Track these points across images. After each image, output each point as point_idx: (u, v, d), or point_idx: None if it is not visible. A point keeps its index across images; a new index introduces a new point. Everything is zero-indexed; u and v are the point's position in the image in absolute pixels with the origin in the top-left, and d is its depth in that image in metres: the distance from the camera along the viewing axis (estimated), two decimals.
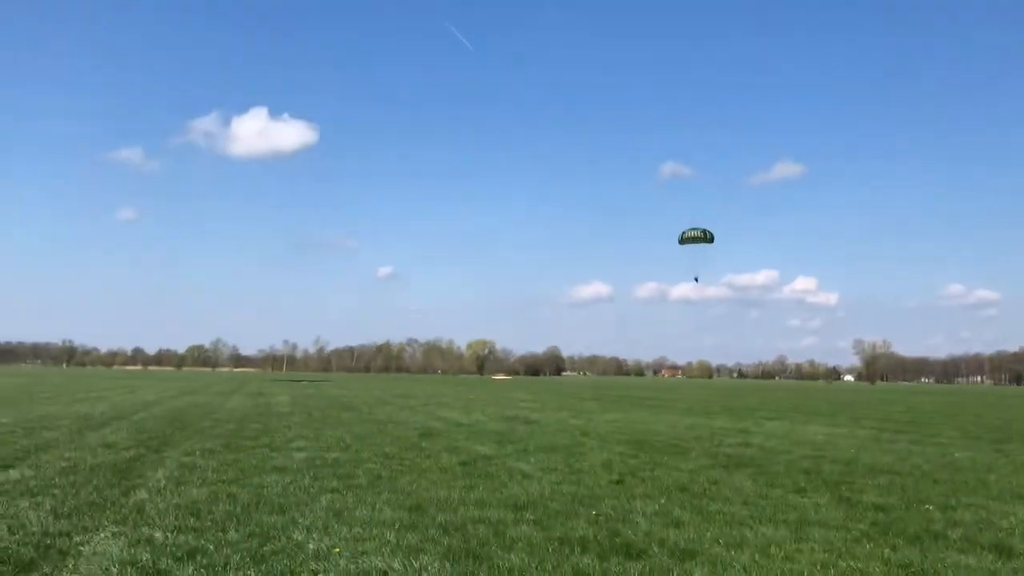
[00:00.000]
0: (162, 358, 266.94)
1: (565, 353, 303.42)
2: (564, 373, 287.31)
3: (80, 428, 16.74)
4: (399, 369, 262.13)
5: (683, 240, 32.52)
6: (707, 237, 31.65)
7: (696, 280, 34.85)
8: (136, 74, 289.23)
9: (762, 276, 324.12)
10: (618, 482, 10.57)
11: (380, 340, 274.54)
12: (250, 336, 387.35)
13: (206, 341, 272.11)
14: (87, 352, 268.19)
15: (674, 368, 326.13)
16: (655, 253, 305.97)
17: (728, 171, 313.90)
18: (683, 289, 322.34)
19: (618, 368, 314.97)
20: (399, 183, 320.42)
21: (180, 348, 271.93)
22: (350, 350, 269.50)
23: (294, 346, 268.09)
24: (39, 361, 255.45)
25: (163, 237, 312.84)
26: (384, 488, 9.74)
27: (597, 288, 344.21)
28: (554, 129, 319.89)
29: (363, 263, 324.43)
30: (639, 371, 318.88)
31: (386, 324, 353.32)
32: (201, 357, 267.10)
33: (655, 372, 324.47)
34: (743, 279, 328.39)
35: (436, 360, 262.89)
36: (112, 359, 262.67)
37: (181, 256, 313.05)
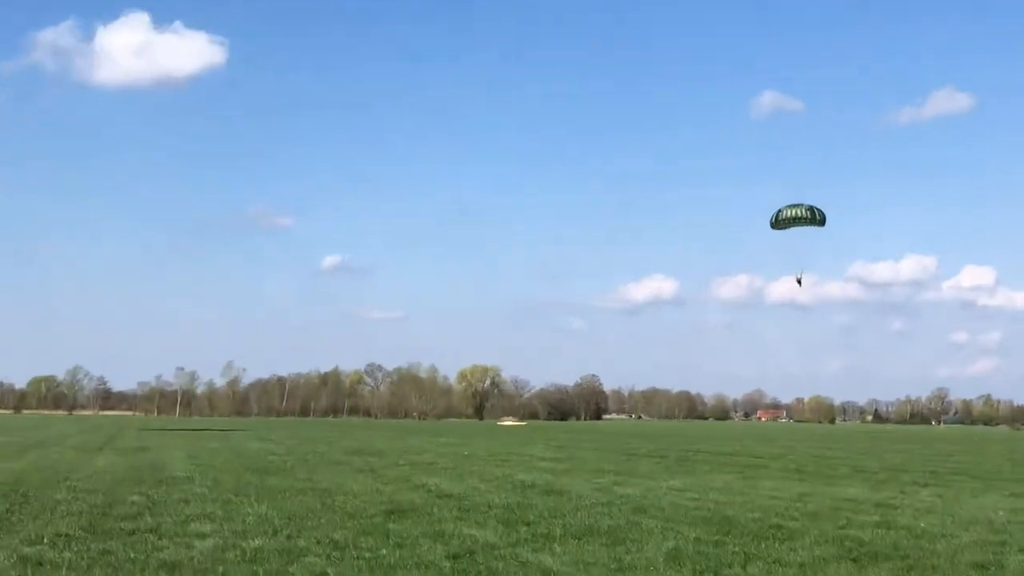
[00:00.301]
0: None
1: (608, 386, 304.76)
2: (607, 416, 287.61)
3: None
4: (355, 411, 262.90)
5: (779, 222, 31.87)
6: (815, 218, 31.05)
7: (799, 282, 34.32)
8: None
9: (909, 265, 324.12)
10: None
11: (325, 367, 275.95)
12: (125, 363, 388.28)
13: (59, 371, 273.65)
14: None
15: (776, 408, 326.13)
16: (745, 231, 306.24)
17: (858, 105, 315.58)
18: (789, 286, 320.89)
19: (690, 408, 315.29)
20: (356, 130, 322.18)
21: (19, 381, 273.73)
22: (279, 382, 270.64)
23: (193, 376, 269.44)
24: None
25: None
26: None
27: (657, 285, 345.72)
28: (584, 50, 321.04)
29: (300, 250, 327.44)
30: (722, 413, 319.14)
31: (335, 342, 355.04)
32: (51, 394, 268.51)
33: (747, 414, 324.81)
34: (880, 270, 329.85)
35: (411, 397, 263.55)
36: None
37: (20, 242, 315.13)
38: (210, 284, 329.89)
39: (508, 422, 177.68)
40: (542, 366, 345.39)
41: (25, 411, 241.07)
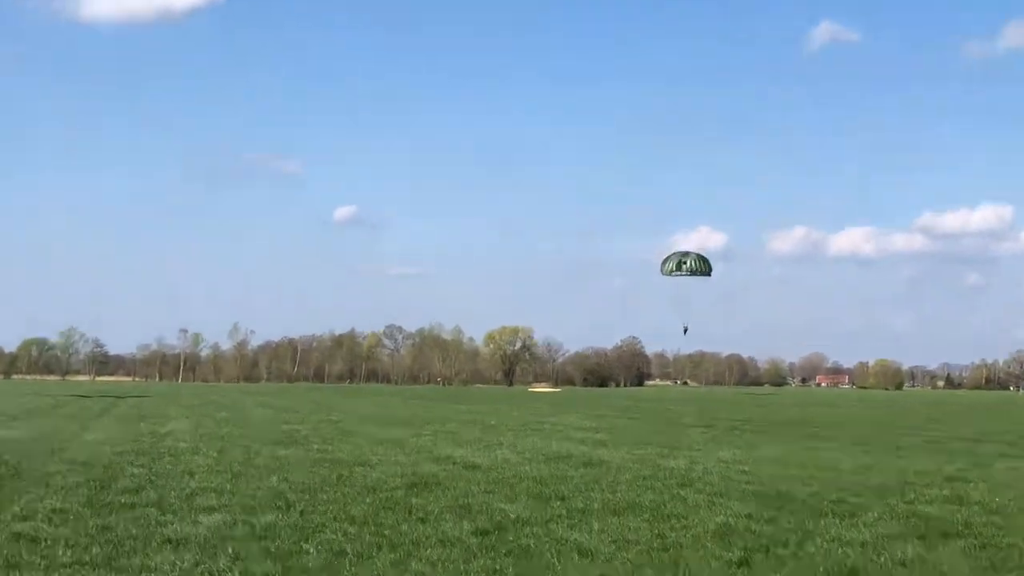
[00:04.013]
0: None
1: (650, 349, 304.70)
2: (650, 383, 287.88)
3: None
4: (373, 376, 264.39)
5: (671, 269, 34.73)
6: (702, 269, 33.60)
7: (685, 331, 37.51)
8: None
9: (984, 215, 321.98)
10: (741, 564, 10.63)
11: (340, 328, 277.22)
12: (123, 325, 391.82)
13: (51, 333, 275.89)
14: None
15: (837, 372, 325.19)
16: (802, 177, 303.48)
17: (923, 35, 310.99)
18: (852, 238, 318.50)
19: (742, 373, 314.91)
20: (371, 68, 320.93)
21: (9, 345, 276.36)
22: (290, 345, 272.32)
23: (197, 339, 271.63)
24: None
25: None
26: None
27: (704, 237, 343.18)
28: None
29: (310, 200, 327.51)
30: (777, 378, 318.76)
31: (350, 301, 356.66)
32: (43, 359, 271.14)
33: (804, 380, 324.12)
34: (950, 221, 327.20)
35: (434, 361, 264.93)
36: None
37: (5, 194, 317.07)
38: (214, 237, 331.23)
39: (540, 388, 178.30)
40: (578, 327, 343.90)
41: (15, 376, 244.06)
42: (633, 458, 22.78)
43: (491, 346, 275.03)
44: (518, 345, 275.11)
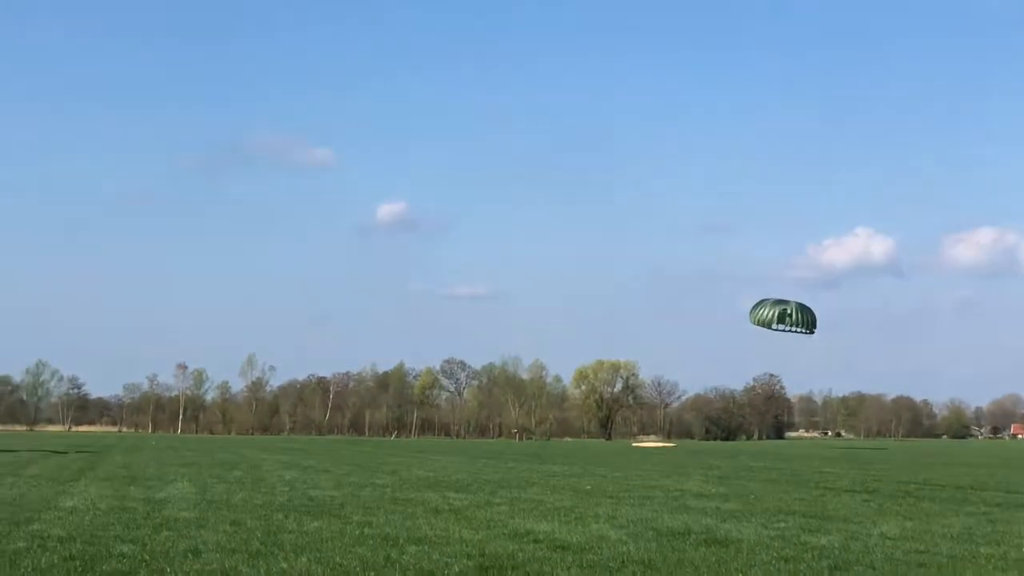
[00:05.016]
0: None
1: (793, 391, 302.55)
2: (792, 435, 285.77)
3: None
4: (428, 426, 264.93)
5: (768, 319, 35.01)
6: (805, 323, 33.62)
7: None
8: None
9: None
10: None
11: (386, 365, 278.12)
12: (106, 360, 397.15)
13: (14, 371, 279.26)
14: None
15: None
16: (990, 165, 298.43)
17: None
18: None
19: (913, 422, 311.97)
20: (428, 28, 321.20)
21: None
22: (319, 385, 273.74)
23: (200, 378, 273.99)
24: None
25: None
26: None
27: (862, 244, 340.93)
28: None
29: (349, 196, 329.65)
30: (960, 428, 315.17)
31: (398, 329, 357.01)
32: (5, 403, 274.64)
33: (995, 430, 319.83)
34: None
35: (507, 408, 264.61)
36: None
37: None
38: (218, 245, 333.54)
39: (649, 443, 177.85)
40: (697, 363, 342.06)
41: None
42: (771, 534, 22.75)
43: (583, 387, 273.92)
44: (618, 386, 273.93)
